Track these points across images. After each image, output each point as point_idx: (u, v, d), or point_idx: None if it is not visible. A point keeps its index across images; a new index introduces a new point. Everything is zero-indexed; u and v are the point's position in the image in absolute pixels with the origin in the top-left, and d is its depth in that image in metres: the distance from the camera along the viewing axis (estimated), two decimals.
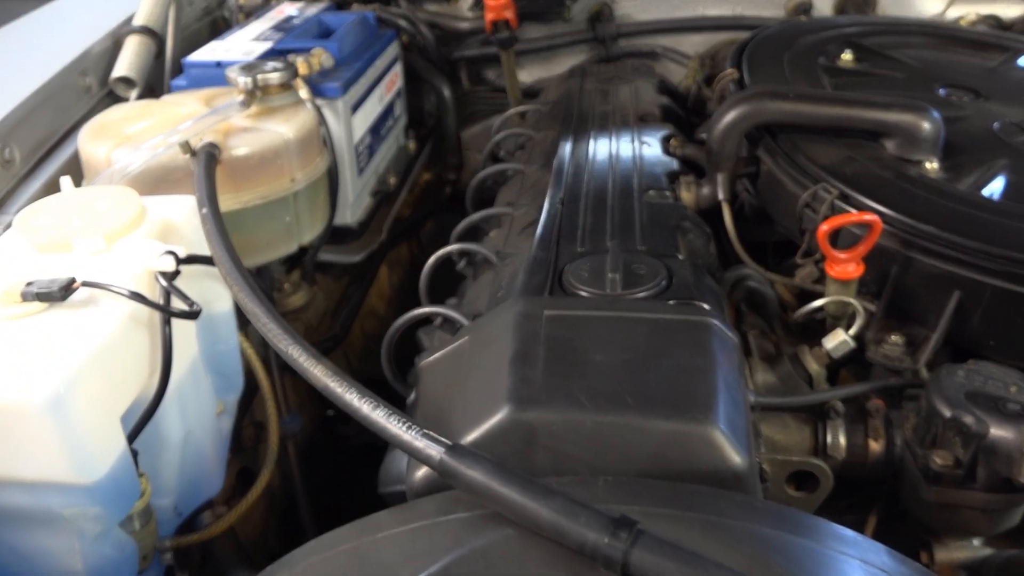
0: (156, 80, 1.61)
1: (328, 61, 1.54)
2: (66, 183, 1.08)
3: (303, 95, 1.41)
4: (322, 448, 1.65)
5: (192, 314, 0.93)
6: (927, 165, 1.15)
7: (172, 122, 1.26)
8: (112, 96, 1.55)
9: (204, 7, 1.88)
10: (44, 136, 1.38)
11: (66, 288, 0.86)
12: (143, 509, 0.94)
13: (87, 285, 0.87)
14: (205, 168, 1.13)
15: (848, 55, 1.50)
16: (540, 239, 1.11)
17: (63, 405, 0.78)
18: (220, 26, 1.92)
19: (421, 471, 0.78)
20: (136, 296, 0.88)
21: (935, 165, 1.15)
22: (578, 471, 0.75)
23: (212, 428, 1.10)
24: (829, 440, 0.98)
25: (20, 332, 0.84)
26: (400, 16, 1.98)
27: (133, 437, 0.90)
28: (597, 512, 0.62)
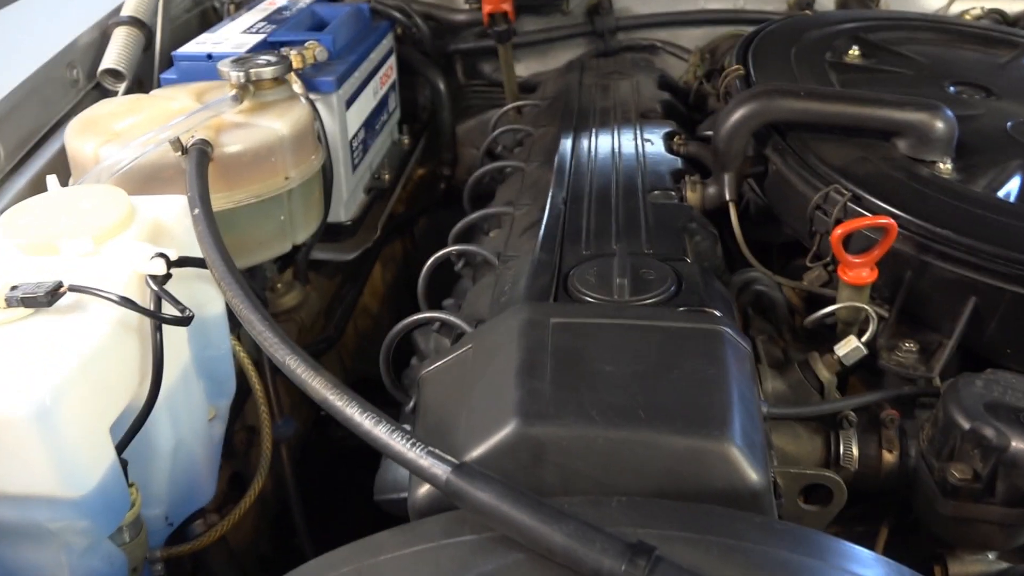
0: (145, 73, 1.58)
1: (322, 54, 1.50)
2: (52, 182, 1.05)
3: (297, 89, 1.37)
4: (315, 450, 1.61)
5: (184, 320, 0.89)
6: (940, 166, 1.13)
7: (162, 118, 1.22)
8: (100, 89, 1.52)
9: None
10: (29, 132, 1.34)
11: (52, 293, 0.82)
12: (133, 520, 0.91)
13: (74, 290, 0.84)
14: (197, 166, 1.10)
15: (855, 51, 1.47)
16: (543, 241, 1.08)
17: (50, 416, 0.75)
18: (210, 17, 1.87)
19: (424, 488, 0.74)
20: (126, 302, 0.84)
21: (948, 166, 1.13)
22: (588, 489, 0.72)
23: (203, 435, 1.07)
24: (842, 451, 0.95)
25: (4, 339, 0.81)
26: (395, 7, 1.94)
27: (123, 447, 0.87)
28: (613, 537, 0.59)
